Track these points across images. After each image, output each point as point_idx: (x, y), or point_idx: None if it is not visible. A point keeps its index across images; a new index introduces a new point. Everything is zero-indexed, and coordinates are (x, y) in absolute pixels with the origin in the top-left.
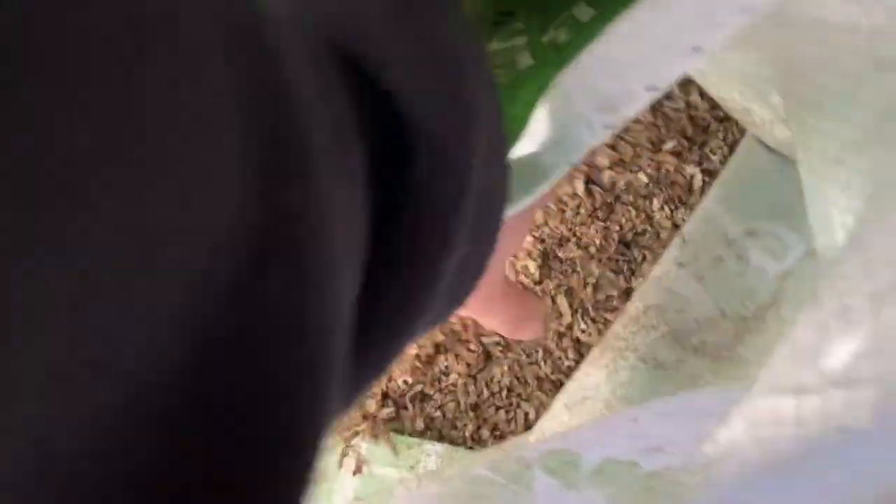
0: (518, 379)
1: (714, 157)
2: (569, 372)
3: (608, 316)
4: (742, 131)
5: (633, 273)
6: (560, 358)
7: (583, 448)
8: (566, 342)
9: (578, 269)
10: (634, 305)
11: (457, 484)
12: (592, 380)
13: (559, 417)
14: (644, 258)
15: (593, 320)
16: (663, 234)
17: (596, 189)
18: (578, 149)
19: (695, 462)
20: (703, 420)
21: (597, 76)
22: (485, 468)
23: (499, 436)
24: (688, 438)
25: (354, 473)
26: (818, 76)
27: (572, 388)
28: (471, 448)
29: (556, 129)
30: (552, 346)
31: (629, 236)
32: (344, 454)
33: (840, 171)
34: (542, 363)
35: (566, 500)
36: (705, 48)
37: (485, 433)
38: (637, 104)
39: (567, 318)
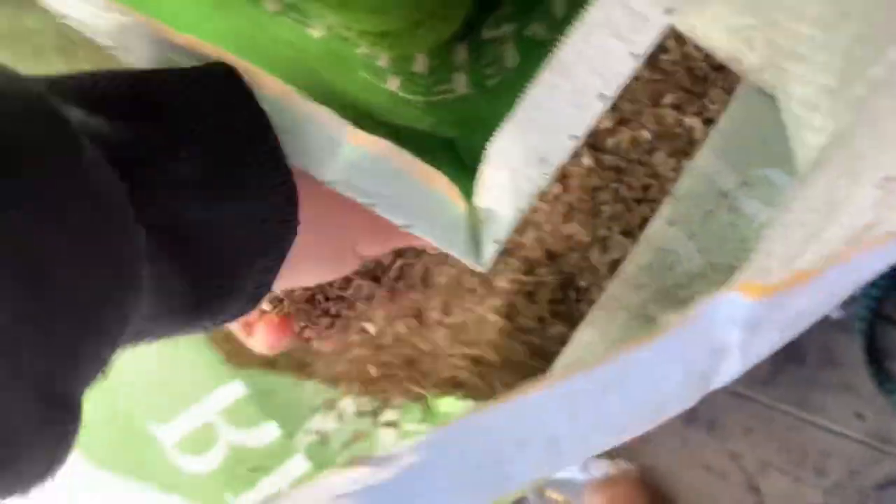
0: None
1: (714, 107)
2: None
3: None
4: (740, 78)
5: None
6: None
7: None
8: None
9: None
10: (626, 268)
11: None
12: (587, 339)
13: None
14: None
15: None
16: (669, 188)
17: (603, 155)
18: (526, 199)
19: None
20: None
21: (528, 132)
22: None
23: None
24: None
25: (389, 426)
26: (789, 23)
27: (569, 350)
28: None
29: (502, 188)
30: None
31: (639, 194)
32: (376, 413)
33: (815, 117)
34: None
35: None
36: (609, 94)
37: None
38: (565, 152)
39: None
